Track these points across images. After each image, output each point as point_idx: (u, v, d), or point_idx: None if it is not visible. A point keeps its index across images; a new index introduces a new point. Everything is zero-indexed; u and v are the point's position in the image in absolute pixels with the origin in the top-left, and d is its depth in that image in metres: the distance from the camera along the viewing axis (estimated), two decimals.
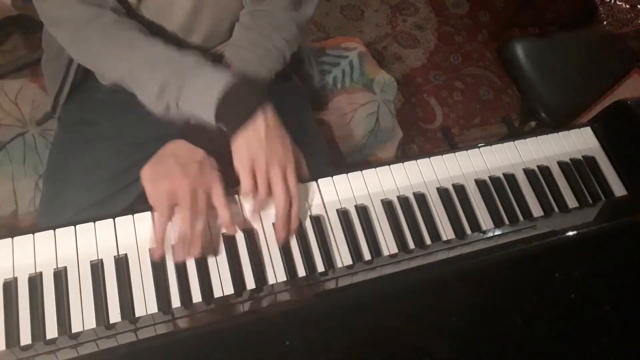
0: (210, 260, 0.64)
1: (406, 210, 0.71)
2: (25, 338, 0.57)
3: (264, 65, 0.75)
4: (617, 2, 1.58)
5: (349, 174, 0.73)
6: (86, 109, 0.85)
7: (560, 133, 0.84)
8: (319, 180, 0.71)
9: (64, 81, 0.82)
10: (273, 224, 0.67)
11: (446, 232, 0.72)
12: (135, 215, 0.65)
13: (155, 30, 0.76)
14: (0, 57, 1.60)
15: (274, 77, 0.77)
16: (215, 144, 0.68)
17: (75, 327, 0.58)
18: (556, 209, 0.76)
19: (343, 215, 0.69)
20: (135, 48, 0.68)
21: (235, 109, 0.64)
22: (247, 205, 0.68)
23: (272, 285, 0.64)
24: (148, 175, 0.64)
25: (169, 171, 0.63)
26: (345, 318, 0.52)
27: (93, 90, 0.86)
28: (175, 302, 0.61)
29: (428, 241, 0.70)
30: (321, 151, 0.92)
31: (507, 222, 0.74)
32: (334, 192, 0.71)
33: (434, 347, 0.51)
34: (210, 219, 0.65)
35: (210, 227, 0.65)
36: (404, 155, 1.29)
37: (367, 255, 0.68)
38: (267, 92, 0.73)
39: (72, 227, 0.63)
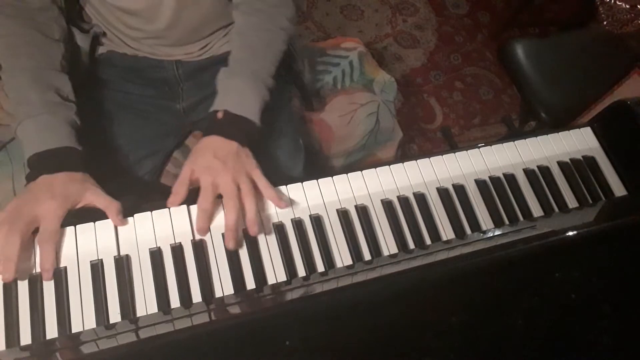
0: (211, 260, 0.64)
1: (406, 210, 0.71)
2: (25, 338, 0.57)
3: (270, 46, 0.76)
4: (617, 2, 1.58)
5: (349, 174, 0.73)
6: (84, 107, 0.86)
7: (560, 133, 0.84)
8: (319, 180, 0.71)
9: None
10: (274, 223, 0.67)
11: (446, 232, 0.72)
12: (136, 215, 0.65)
13: (139, 26, 0.78)
14: None
15: (280, 58, 0.77)
16: (246, 137, 0.70)
17: (75, 327, 0.58)
18: (556, 209, 0.76)
19: (343, 215, 0.69)
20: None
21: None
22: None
23: (272, 285, 0.64)
24: (191, 167, 0.67)
25: (209, 164, 0.66)
26: (345, 318, 0.52)
27: (89, 89, 0.86)
28: (175, 302, 0.61)
29: (428, 241, 0.70)
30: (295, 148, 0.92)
31: (507, 222, 0.74)
32: (334, 192, 0.71)
33: (434, 347, 0.51)
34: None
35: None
36: (404, 155, 1.29)
37: (367, 255, 0.68)
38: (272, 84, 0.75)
39: (72, 227, 0.63)
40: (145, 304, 0.60)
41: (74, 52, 0.81)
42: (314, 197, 0.70)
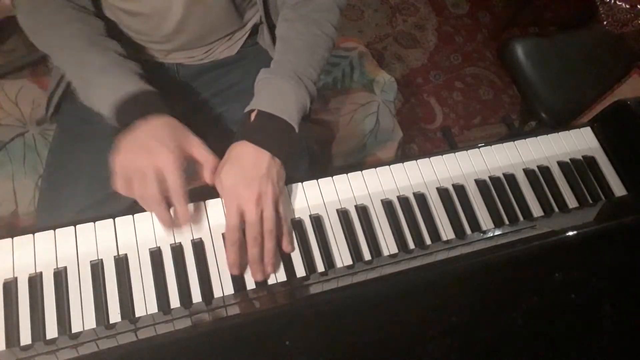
0: (211, 260, 0.64)
1: (406, 210, 0.71)
2: (25, 338, 0.57)
3: (314, 50, 0.73)
4: (617, 2, 1.58)
5: (349, 174, 0.73)
6: (84, 107, 0.86)
7: (560, 133, 0.84)
8: (319, 180, 0.71)
9: (61, 79, 0.83)
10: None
11: (446, 232, 0.72)
12: (136, 215, 0.65)
13: (144, 30, 0.78)
14: (0, 57, 1.60)
15: (323, 66, 0.75)
16: (280, 146, 0.66)
17: (75, 327, 0.58)
18: (556, 209, 0.76)
19: (343, 215, 0.69)
20: (67, 47, 0.69)
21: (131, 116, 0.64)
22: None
23: (272, 285, 0.64)
24: (222, 184, 0.64)
25: (234, 184, 0.63)
26: (345, 318, 0.52)
27: None
28: (175, 302, 0.61)
29: (428, 241, 0.70)
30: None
31: (507, 222, 0.74)
32: (334, 192, 0.71)
33: (434, 347, 0.51)
34: None
35: None
36: (404, 155, 1.29)
37: (367, 255, 0.68)
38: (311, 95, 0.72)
39: (72, 227, 0.63)
40: (145, 304, 0.60)
41: None
42: (314, 197, 0.70)
